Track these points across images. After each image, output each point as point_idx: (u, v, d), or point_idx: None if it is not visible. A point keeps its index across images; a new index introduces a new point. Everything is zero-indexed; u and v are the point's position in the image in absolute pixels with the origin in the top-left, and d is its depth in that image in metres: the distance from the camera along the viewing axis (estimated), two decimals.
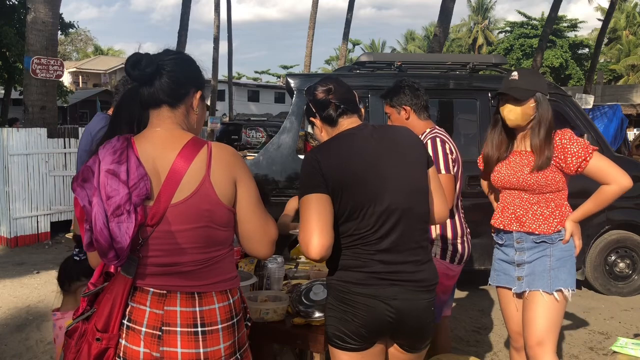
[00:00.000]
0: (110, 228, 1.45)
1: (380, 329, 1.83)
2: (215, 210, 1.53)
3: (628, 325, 4.55)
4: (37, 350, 3.84)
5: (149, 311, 1.54)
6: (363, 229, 1.80)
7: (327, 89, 1.94)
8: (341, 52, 22.06)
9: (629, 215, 5.20)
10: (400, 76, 5.23)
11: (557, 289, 2.42)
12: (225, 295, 1.59)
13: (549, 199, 2.45)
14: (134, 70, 1.56)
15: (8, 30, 15.39)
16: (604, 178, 2.37)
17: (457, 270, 2.84)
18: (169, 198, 1.51)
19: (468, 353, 3.65)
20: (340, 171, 1.79)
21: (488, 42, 47.84)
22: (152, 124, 1.62)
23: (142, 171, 1.50)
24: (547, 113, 2.45)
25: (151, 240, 1.52)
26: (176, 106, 1.62)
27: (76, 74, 40.55)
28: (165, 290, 1.55)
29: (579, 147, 2.37)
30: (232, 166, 1.58)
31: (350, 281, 1.82)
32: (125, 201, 1.46)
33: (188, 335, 1.53)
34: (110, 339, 1.55)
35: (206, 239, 1.54)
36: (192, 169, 1.52)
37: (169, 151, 1.55)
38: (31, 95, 8.00)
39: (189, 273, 1.54)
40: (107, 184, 1.47)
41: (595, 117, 11.66)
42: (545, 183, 2.42)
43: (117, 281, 1.56)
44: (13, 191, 6.88)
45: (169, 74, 1.59)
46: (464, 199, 3.15)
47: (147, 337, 1.53)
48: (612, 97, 23.40)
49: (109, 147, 1.54)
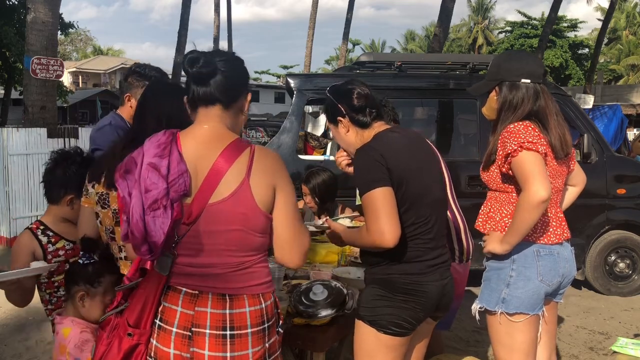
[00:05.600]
0: (145, 221, 1.44)
1: (432, 309, 2.04)
2: (251, 214, 1.52)
3: (628, 325, 4.55)
4: (37, 350, 3.84)
5: (180, 311, 1.53)
6: (421, 219, 2.00)
7: (366, 95, 2.10)
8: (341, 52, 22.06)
9: (629, 215, 5.20)
10: (400, 76, 5.25)
11: (480, 306, 2.22)
12: (257, 299, 1.57)
13: (494, 197, 2.25)
14: (192, 68, 1.56)
15: (8, 30, 15.41)
16: (521, 181, 2.05)
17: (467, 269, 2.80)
18: (207, 197, 1.49)
19: (468, 353, 3.65)
20: (401, 165, 1.96)
21: (488, 42, 47.82)
22: (200, 121, 1.61)
23: (183, 167, 1.50)
24: (505, 103, 2.17)
25: (186, 239, 1.51)
26: (229, 106, 1.61)
27: (76, 74, 40.55)
28: (197, 291, 1.53)
29: (513, 141, 2.06)
30: (274, 172, 1.57)
31: (413, 273, 1.98)
32: (162, 196, 1.45)
33: (216, 338, 1.51)
34: (141, 335, 1.55)
35: (239, 242, 1.53)
36: (233, 170, 1.51)
37: (212, 150, 1.54)
38: (31, 95, 8.00)
39: (220, 275, 1.53)
40: (147, 177, 1.47)
41: (595, 117, 11.65)
42: (488, 179, 2.24)
43: (151, 278, 1.55)
44: (13, 191, 6.88)
45: (224, 74, 1.58)
46: (464, 199, 3.14)
47: (178, 337, 1.53)
48: (612, 97, 23.37)
49: (154, 140, 1.54)
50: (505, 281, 2.16)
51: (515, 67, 2.20)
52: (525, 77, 2.17)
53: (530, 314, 2.16)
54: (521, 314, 2.15)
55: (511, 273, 2.16)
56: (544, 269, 2.16)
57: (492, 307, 2.18)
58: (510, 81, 2.18)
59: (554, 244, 2.20)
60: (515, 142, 2.06)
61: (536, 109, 2.16)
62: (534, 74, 2.19)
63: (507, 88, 2.18)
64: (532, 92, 2.16)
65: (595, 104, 13.34)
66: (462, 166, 4.97)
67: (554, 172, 2.20)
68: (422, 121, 5.82)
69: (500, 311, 2.16)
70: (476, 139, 5.12)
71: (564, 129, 2.22)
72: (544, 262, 2.16)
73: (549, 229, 2.19)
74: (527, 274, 2.15)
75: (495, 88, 2.23)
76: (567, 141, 2.21)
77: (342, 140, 2.18)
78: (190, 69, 1.56)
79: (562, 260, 2.21)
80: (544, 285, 2.16)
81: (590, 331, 4.38)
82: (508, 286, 2.15)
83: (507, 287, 2.16)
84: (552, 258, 2.18)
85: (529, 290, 2.14)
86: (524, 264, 2.16)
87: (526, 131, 2.09)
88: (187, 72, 1.58)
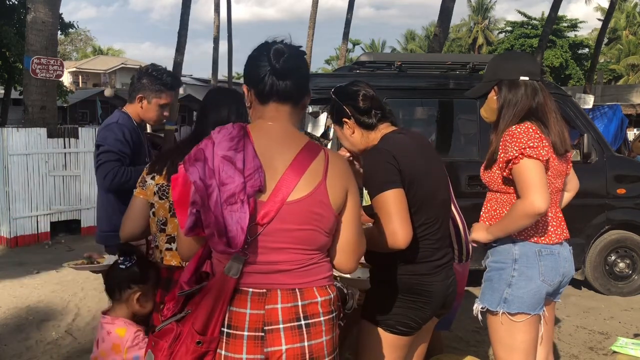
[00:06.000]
0: (224, 215, 1.41)
1: (439, 308, 2.07)
2: (325, 214, 1.52)
3: (628, 325, 4.54)
4: (37, 350, 3.84)
5: (249, 313, 1.48)
6: (430, 219, 2.03)
7: (371, 96, 2.11)
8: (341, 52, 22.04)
9: (629, 215, 5.19)
10: (400, 76, 5.25)
11: (482, 306, 2.24)
12: (326, 290, 1.56)
13: (494, 198, 2.27)
14: (278, 62, 1.53)
15: (8, 30, 15.41)
16: (519, 189, 2.08)
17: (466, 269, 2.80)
18: (284, 196, 1.48)
19: (468, 353, 3.64)
20: (412, 166, 1.99)
21: (488, 42, 47.81)
22: (271, 117, 1.58)
23: (258, 162, 1.48)
24: (505, 101, 2.18)
25: (260, 237, 1.48)
26: (298, 104, 1.62)
27: (76, 74, 40.55)
28: (264, 289, 1.50)
29: (515, 146, 2.07)
30: (346, 175, 1.58)
31: (421, 273, 2.01)
32: (240, 190, 1.43)
33: (292, 330, 1.48)
34: (210, 342, 1.48)
35: (310, 241, 1.52)
36: (310, 171, 1.51)
37: (288, 148, 1.53)
38: (31, 95, 8.00)
39: (289, 271, 1.51)
40: (222, 170, 1.44)
41: (595, 117, 11.65)
42: (490, 180, 2.26)
43: (218, 281, 1.49)
44: (13, 191, 6.88)
45: (300, 71, 1.58)
46: (464, 199, 3.14)
47: (250, 340, 1.48)
48: (612, 97, 23.37)
49: (225, 133, 1.51)
50: (507, 281, 2.17)
51: (513, 66, 2.22)
52: (524, 74, 2.18)
53: (531, 313, 2.16)
54: (523, 314, 2.15)
55: (513, 273, 2.16)
56: (545, 268, 2.16)
57: (494, 307, 2.19)
58: (509, 79, 2.19)
59: (555, 244, 2.20)
60: (516, 148, 2.06)
61: (535, 106, 2.17)
62: (532, 71, 2.20)
63: (507, 87, 2.19)
64: (531, 89, 2.18)
65: (595, 104, 13.34)
66: (462, 166, 4.97)
67: (555, 172, 2.20)
68: (422, 121, 5.82)
69: (502, 311, 2.16)
70: (476, 139, 5.11)
71: (563, 126, 2.23)
72: (545, 262, 2.16)
73: (549, 229, 2.20)
74: (529, 274, 2.15)
75: (495, 88, 2.24)
76: (566, 138, 2.22)
77: (347, 141, 2.20)
78: (276, 63, 1.52)
79: (562, 260, 2.22)
80: (545, 285, 2.17)
81: (590, 331, 4.38)
82: (510, 286, 2.16)
83: (509, 287, 2.16)
84: (554, 258, 2.19)
85: (531, 290, 2.15)
86: (526, 264, 2.16)
87: (527, 134, 2.08)
88: (272, 64, 1.53)
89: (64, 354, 3.79)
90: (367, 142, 2.12)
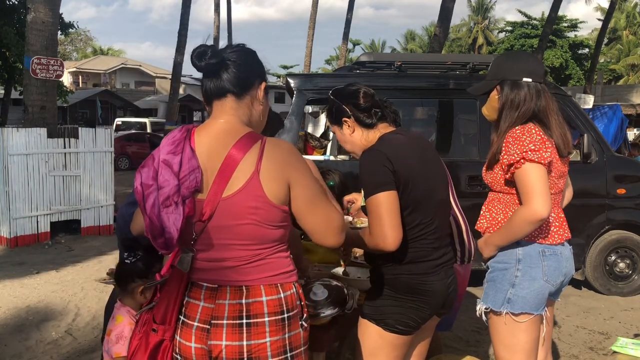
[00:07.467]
0: (161, 217, 1.48)
1: (438, 308, 2.07)
2: (263, 208, 1.51)
3: (628, 325, 4.54)
4: (37, 350, 3.84)
5: (202, 305, 1.56)
6: (427, 220, 2.02)
7: (371, 95, 2.12)
8: (341, 52, 22.07)
9: (629, 215, 5.19)
10: (400, 76, 5.25)
11: (485, 307, 2.22)
12: (275, 289, 1.56)
13: (497, 198, 2.26)
14: (201, 62, 1.57)
15: (8, 30, 15.42)
16: (521, 194, 2.07)
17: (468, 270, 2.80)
18: (219, 193, 1.50)
19: (468, 353, 3.64)
20: (408, 167, 1.98)
21: (488, 42, 47.82)
22: (215, 115, 1.62)
23: (195, 164, 1.51)
24: (507, 101, 2.17)
25: (204, 235, 1.53)
26: (242, 96, 1.62)
27: (76, 74, 40.55)
28: (216, 285, 1.56)
29: (517, 150, 2.05)
30: (285, 164, 1.54)
31: (420, 273, 2.01)
32: (174, 192, 1.48)
33: (233, 328, 1.52)
34: (165, 331, 1.58)
35: (252, 236, 1.53)
36: (243, 164, 1.51)
37: (224, 145, 1.54)
38: (31, 95, 7.99)
39: (235, 268, 1.54)
40: (161, 174, 1.51)
41: (595, 117, 11.64)
42: (492, 180, 2.24)
43: (174, 275, 1.59)
44: (13, 191, 6.87)
45: (234, 64, 1.60)
46: (464, 199, 3.14)
47: (198, 331, 1.55)
48: (612, 97, 23.38)
49: (169, 137, 1.57)
50: (510, 281, 2.16)
51: (517, 66, 2.20)
52: (527, 75, 2.17)
53: (534, 314, 2.16)
54: (526, 314, 2.15)
55: (517, 273, 2.16)
56: (548, 269, 2.16)
57: (498, 308, 2.18)
58: (512, 80, 2.18)
59: (557, 244, 2.20)
60: (518, 151, 2.05)
61: (538, 108, 2.16)
62: (535, 73, 2.19)
63: (509, 87, 2.18)
64: (534, 91, 2.16)
65: (595, 104, 13.34)
66: (462, 166, 4.97)
67: (558, 173, 2.20)
68: (422, 121, 5.82)
69: (506, 311, 2.16)
70: (476, 139, 5.12)
71: (565, 128, 2.22)
72: (549, 262, 2.17)
73: (552, 229, 2.20)
74: (533, 274, 2.15)
75: (497, 87, 2.23)
76: (569, 141, 2.21)
77: (347, 141, 2.18)
78: (199, 63, 1.57)
79: (564, 260, 2.23)
80: (548, 285, 2.17)
81: (590, 331, 4.38)
82: (513, 286, 2.16)
83: (513, 287, 2.16)
84: (556, 258, 2.19)
85: (534, 290, 2.15)
86: (529, 264, 2.16)
87: (530, 136, 2.07)
88: (197, 66, 1.58)
89: (64, 354, 3.79)
90: (367, 141, 2.11)
